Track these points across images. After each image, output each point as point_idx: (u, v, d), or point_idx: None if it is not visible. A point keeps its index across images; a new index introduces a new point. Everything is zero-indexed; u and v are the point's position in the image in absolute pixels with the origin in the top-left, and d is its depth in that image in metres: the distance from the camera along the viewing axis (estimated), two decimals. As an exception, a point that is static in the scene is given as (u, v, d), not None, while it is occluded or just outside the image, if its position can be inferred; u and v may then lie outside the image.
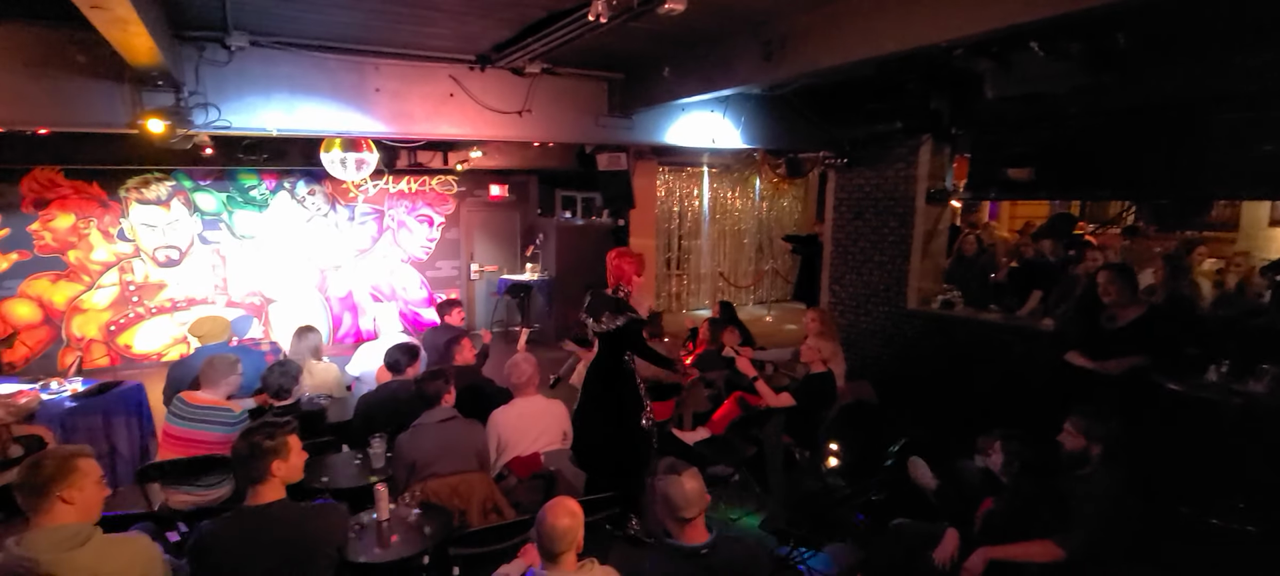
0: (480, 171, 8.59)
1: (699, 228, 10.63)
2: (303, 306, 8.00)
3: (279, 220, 7.93)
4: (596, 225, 9.15)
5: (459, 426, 3.24)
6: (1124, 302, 3.87)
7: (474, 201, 9.04)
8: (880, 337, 6.18)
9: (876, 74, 4.56)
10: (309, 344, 4.45)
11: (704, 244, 10.63)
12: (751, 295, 11.33)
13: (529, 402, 3.67)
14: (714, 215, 10.73)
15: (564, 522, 2.17)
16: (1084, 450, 2.88)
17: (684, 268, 10.66)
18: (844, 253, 6.50)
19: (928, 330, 5.75)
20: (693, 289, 10.65)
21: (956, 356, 5.47)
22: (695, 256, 10.66)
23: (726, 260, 10.99)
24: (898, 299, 6.00)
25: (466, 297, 9.13)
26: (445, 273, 8.94)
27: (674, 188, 10.28)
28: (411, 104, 4.10)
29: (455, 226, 8.93)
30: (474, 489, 3.19)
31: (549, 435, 3.66)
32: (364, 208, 8.37)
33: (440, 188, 8.78)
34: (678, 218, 10.42)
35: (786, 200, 11.45)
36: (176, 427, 3.35)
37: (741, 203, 11.00)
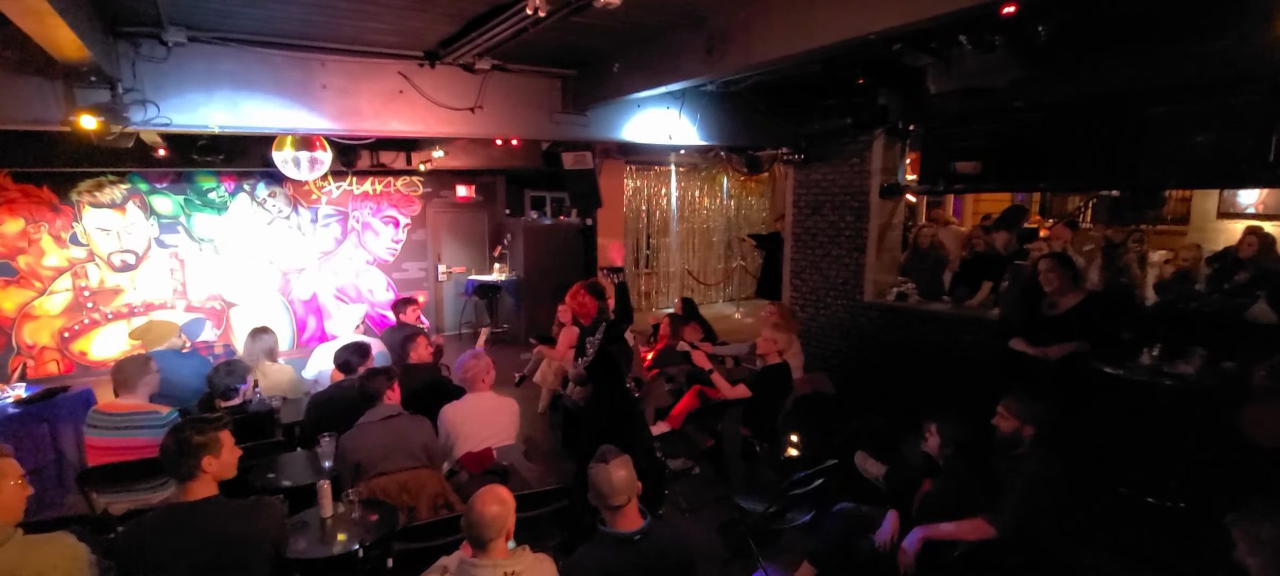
0: (446, 172, 8.54)
1: (667, 226, 10.67)
2: (264, 310, 7.87)
3: (239, 223, 7.79)
4: (564, 225, 9.13)
5: (404, 423, 3.22)
6: (1063, 290, 3.98)
7: (441, 202, 8.97)
8: (839, 330, 6.26)
9: (826, 70, 4.63)
10: (263, 345, 4.39)
11: (673, 242, 10.67)
12: (721, 293, 11.40)
13: (481, 399, 3.65)
14: (682, 214, 10.78)
15: (493, 510, 2.16)
16: (1017, 432, 2.95)
17: (653, 266, 10.69)
18: (803, 247, 6.57)
19: (884, 322, 5.85)
20: (661, 287, 10.68)
21: (911, 347, 5.57)
22: (664, 255, 10.69)
23: (695, 258, 11.05)
24: (855, 292, 6.09)
25: (434, 299, 9.07)
26: (412, 274, 8.86)
27: (641, 187, 10.31)
28: (360, 100, 4.06)
29: (422, 228, 8.86)
30: (423, 485, 3.17)
31: (501, 431, 3.65)
32: (327, 210, 8.26)
33: (406, 189, 8.70)
34: (646, 217, 10.45)
35: (753, 198, 11.55)
36: (99, 438, 3.25)
37: (709, 201, 11.07)
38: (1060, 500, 2.86)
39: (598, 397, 3.66)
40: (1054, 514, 2.83)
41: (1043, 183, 5.08)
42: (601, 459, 2.32)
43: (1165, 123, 4.15)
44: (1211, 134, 3.97)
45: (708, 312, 9.53)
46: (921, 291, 5.91)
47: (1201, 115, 3.99)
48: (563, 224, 9.22)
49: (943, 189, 5.52)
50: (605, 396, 3.65)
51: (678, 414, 4.73)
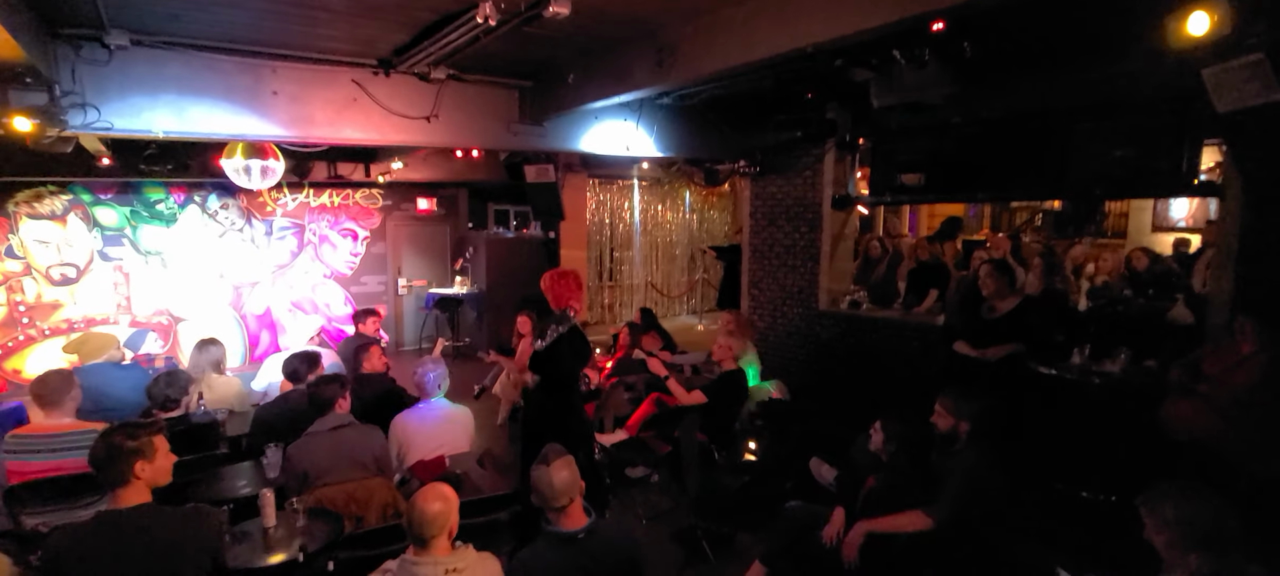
0: (407, 185, 8.47)
1: (631, 239, 10.74)
2: (215, 325, 7.65)
3: (188, 235, 7.58)
4: (527, 238, 9.13)
5: (354, 433, 3.18)
6: (1001, 294, 4.16)
7: (401, 215, 8.89)
8: (796, 338, 6.39)
9: (777, 85, 4.78)
10: (209, 357, 4.29)
11: (636, 255, 10.74)
12: (684, 305, 11.49)
13: (433, 407, 3.63)
14: (645, 227, 10.87)
15: (434, 507, 2.16)
16: (954, 428, 3.07)
17: (616, 279, 10.73)
18: (761, 258, 6.71)
19: (838, 330, 6.00)
20: (625, 300, 10.73)
21: (864, 353, 5.72)
22: (627, 268, 10.75)
23: (658, 271, 11.13)
24: (810, 301, 6.24)
25: (394, 313, 8.94)
26: (371, 288, 8.74)
27: (605, 200, 10.38)
28: (312, 107, 4.03)
29: (381, 241, 8.76)
30: (372, 494, 3.13)
31: (455, 440, 3.63)
32: (282, 222, 8.11)
33: (365, 201, 8.60)
34: (609, 230, 10.51)
35: (715, 212, 11.72)
36: (21, 464, 3.02)
37: (672, 215, 11.19)
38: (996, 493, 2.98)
39: (540, 390, 3.66)
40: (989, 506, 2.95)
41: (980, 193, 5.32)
42: (543, 460, 2.33)
43: (1088, 137, 4.41)
44: (1129, 149, 4.23)
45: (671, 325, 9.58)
46: (873, 299, 6.09)
47: (1119, 131, 4.26)
48: (526, 237, 9.20)
49: (890, 200, 5.74)
50: (549, 389, 3.65)
51: (635, 421, 4.77)
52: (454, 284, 8.71)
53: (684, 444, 4.36)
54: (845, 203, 6.00)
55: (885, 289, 6.24)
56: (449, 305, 8.64)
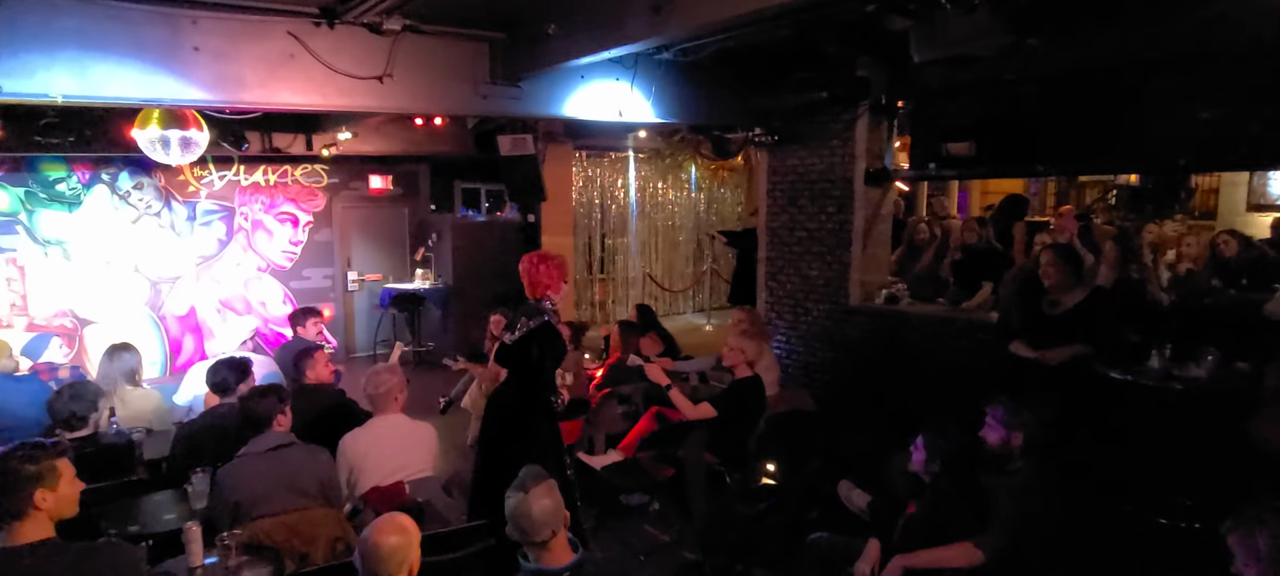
0: (356, 160, 8.47)
1: (625, 224, 10.74)
2: (129, 329, 7.65)
3: (96, 221, 7.58)
4: (501, 222, 9.14)
5: (296, 454, 3.19)
6: (1066, 286, 4.18)
7: (350, 196, 8.89)
8: (822, 339, 6.41)
9: (798, 36, 4.78)
10: (122, 366, 4.31)
11: (632, 242, 10.75)
12: (689, 301, 11.51)
13: (390, 423, 3.64)
14: (643, 209, 10.87)
15: (391, 542, 2.18)
16: (1006, 444, 3.10)
17: (609, 271, 10.74)
18: (780, 245, 6.71)
19: (872, 329, 6.02)
20: (620, 296, 10.74)
21: (903, 356, 5.74)
22: (622, 257, 10.76)
23: (659, 261, 11.14)
24: (839, 295, 6.26)
25: (342, 312, 8.96)
26: (315, 283, 8.75)
27: (594, 177, 10.38)
28: (241, 66, 4.03)
29: (327, 226, 8.76)
30: (318, 527, 3.14)
31: (416, 462, 3.64)
32: (208, 206, 8.11)
33: (306, 179, 8.60)
34: (600, 212, 10.51)
35: (726, 190, 11.73)
36: None
37: (675, 194, 11.20)
38: (1057, 520, 3.01)
39: (507, 386, 3.70)
40: (1050, 535, 2.98)
41: (1041, 165, 5.33)
42: (521, 486, 2.34)
43: (1171, 97, 4.41)
44: (1221, 110, 4.23)
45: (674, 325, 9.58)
46: (916, 293, 6.12)
47: (1209, 89, 4.26)
48: (500, 221, 9.21)
49: (934, 174, 5.74)
50: (517, 384, 3.68)
51: (632, 441, 4.79)
52: (414, 278, 8.71)
53: (688, 466, 4.38)
54: (881, 177, 6.01)
55: (931, 281, 6.26)
56: (409, 303, 8.64)
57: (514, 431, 3.70)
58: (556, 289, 3.77)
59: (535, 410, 3.72)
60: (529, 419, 3.67)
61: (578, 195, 10.04)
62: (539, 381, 3.73)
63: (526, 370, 3.70)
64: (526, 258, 3.82)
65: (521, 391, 3.68)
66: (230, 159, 7.87)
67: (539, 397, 3.74)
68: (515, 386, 3.72)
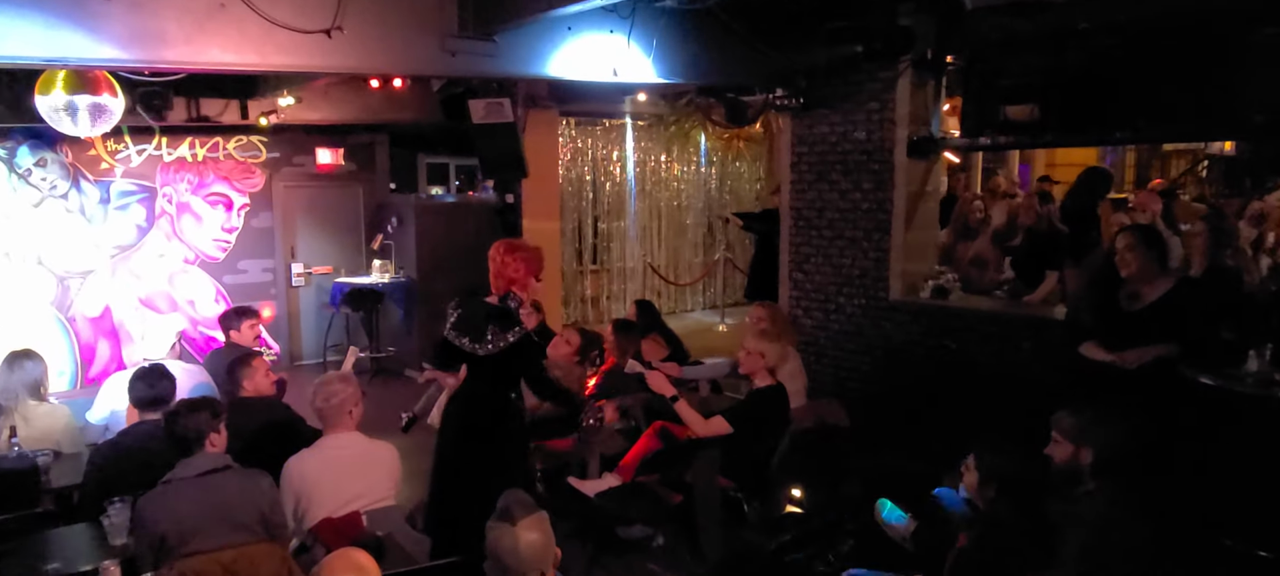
0: (302, 130, 8.47)
1: (622, 204, 10.75)
2: (31, 333, 7.67)
3: (-10, 205, 7.61)
4: (475, 204, 9.16)
5: (232, 481, 3.22)
6: (1148, 275, 4.19)
7: (294, 173, 8.90)
8: (857, 340, 6.43)
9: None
10: (24, 377, 4.34)
11: (630, 227, 10.76)
12: (699, 296, 11.54)
13: (343, 443, 3.67)
14: (643, 186, 10.87)
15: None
16: (1075, 461, 3.12)
17: (603, 262, 10.76)
18: (807, 228, 6.72)
19: (917, 328, 6.04)
20: (616, 290, 10.77)
21: (954, 359, 5.77)
22: (618, 245, 10.79)
23: (662, 249, 11.16)
24: (878, 287, 6.27)
25: (285, 312, 8.99)
26: (253, 277, 8.77)
27: (585, 149, 10.39)
28: (162, 20, 4.03)
29: (266, 210, 8.78)
30: (259, 566, 3.17)
31: (374, 488, 3.67)
32: (125, 186, 8.13)
33: (241, 154, 8.61)
34: (592, 191, 10.52)
35: (743, 164, 11.74)
36: None
37: (681, 168, 11.20)
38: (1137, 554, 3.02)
39: (469, 397, 3.78)
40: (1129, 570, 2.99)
41: (1118, 132, 5.33)
42: (505, 515, 2.36)
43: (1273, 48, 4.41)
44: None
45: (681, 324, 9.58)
46: (968, 284, 6.13)
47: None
48: (473, 203, 9.21)
49: (990, 143, 5.76)
50: (482, 394, 3.75)
51: (631, 462, 4.81)
52: (371, 271, 8.74)
53: (699, 492, 4.40)
54: (926, 147, 6.02)
55: (988, 270, 6.27)
56: (365, 301, 8.67)
57: (478, 432, 3.75)
58: (524, 285, 3.83)
59: (505, 414, 3.77)
60: (495, 415, 3.74)
61: (565, 171, 10.04)
62: (511, 386, 3.79)
63: (499, 379, 3.74)
64: (496, 246, 3.87)
65: (486, 382, 3.76)
66: (150, 130, 7.87)
67: (508, 401, 3.84)
68: (481, 393, 3.79)
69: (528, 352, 3.85)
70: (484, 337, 3.79)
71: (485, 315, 3.82)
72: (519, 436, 4.01)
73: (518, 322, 3.82)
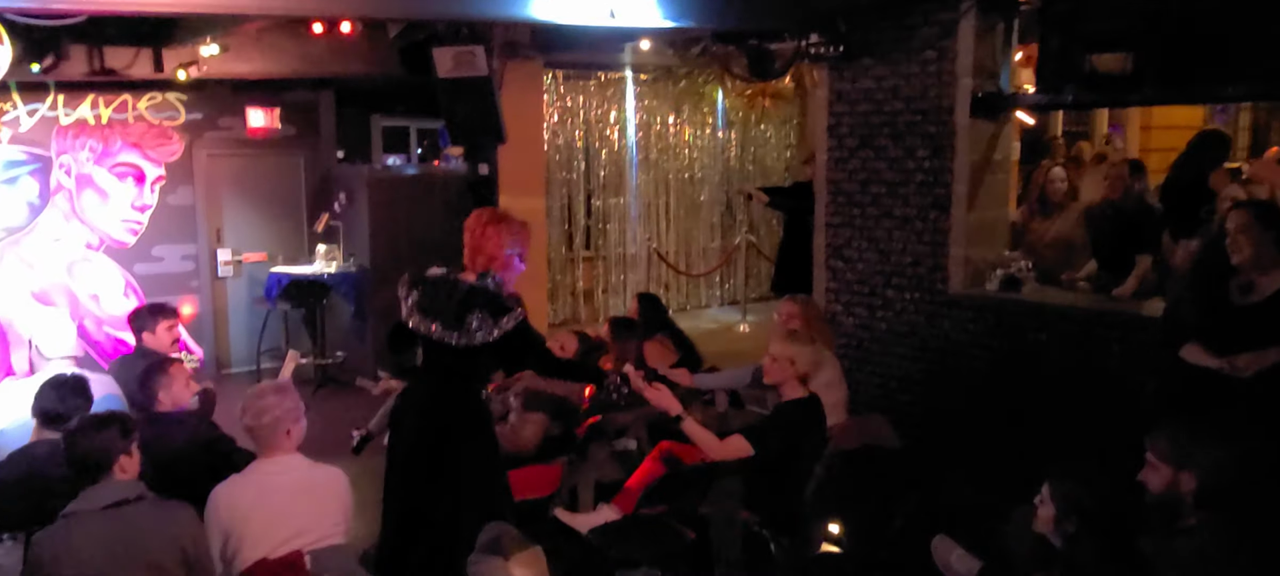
0: (229, 85, 8.45)
1: (622, 177, 10.70)
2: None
3: None
4: (442, 175, 9.12)
5: (147, 514, 3.23)
6: (1265, 263, 4.18)
7: (220, 139, 8.88)
8: (908, 342, 6.42)
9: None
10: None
11: (631, 205, 10.72)
12: (716, 289, 11.51)
13: (281, 468, 3.68)
14: (647, 155, 10.82)
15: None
16: (1173, 488, 3.12)
17: (598, 247, 10.73)
18: (847, 206, 6.70)
19: (982, 327, 6.02)
20: (613, 282, 10.76)
21: (1027, 366, 5.75)
22: (616, 226, 10.75)
23: (671, 232, 11.12)
24: (934, 277, 6.26)
25: (210, 308, 8.98)
26: (171, 265, 8.78)
27: (576, 109, 10.37)
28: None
29: (186, 184, 8.77)
30: (178, 618, 3.20)
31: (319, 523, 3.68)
32: (12, 154, 8.12)
33: (155, 115, 8.60)
34: (584, 161, 10.47)
35: (770, 128, 11.70)
36: None
37: (694, 133, 11.15)
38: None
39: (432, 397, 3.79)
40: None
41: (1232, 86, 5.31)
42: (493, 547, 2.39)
43: None
44: None
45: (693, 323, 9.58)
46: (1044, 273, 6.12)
47: None
48: (439, 173, 9.17)
49: (1074, 100, 5.73)
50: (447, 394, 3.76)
51: (633, 490, 4.83)
52: (315, 258, 8.73)
53: (715, 528, 4.41)
54: (995, 105, 6.00)
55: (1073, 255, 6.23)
56: (307, 295, 8.66)
57: (445, 453, 3.76)
58: (506, 265, 3.82)
59: (479, 420, 3.80)
60: (469, 433, 3.75)
61: (552, 136, 10.01)
62: (483, 383, 3.82)
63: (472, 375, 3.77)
64: (476, 215, 3.84)
65: (459, 400, 3.77)
66: (44, 86, 7.88)
67: (481, 403, 3.86)
68: (447, 393, 3.79)
69: (529, 341, 3.82)
70: (462, 324, 3.75)
71: (466, 297, 3.78)
72: (495, 449, 3.99)
73: (511, 306, 3.78)
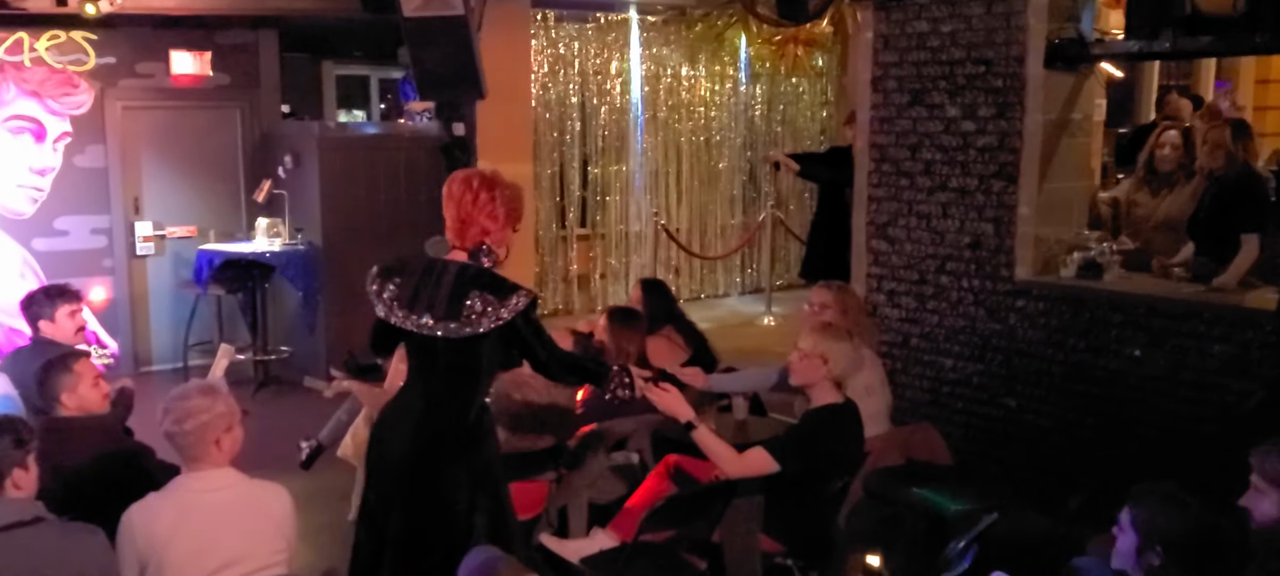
0: (146, 22, 8.48)
1: (624, 141, 10.74)
2: None
3: None
4: (409, 135, 9.14)
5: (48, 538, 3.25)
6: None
7: (139, 88, 8.91)
8: (965, 339, 6.41)
9: None
10: None
11: (636, 174, 10.77)
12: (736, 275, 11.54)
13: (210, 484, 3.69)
14: (654, 114, 10.84)
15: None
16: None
17: (595, 224, 10.75)
18: (894, 175, 6.69)
19: (1056, 321, 5.99)
20: (614, 266, 10.79)
21: (1107, 367, 5.74)
22: (617, 199, 10.79)
23: (683, 206, 11.16)
24: (998, 262, 6.23)
25: (129, 294, 9.01)
26: (78, 241, 8.83)
27: (570, 57, 10.39)
28: None
29: (97, 142, 8.81)
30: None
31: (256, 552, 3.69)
32: (-115, 105, 8.20)
33: (59, 58, 8.62)
34: (580, 120, 10.49)
35: (803, 81, 11.70)
36: None
37: (711, 88, 11.17)
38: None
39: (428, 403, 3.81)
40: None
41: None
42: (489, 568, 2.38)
43: None
44: None
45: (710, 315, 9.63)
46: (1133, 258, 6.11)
47: None
48: (405, 133, 9.20)
49: (1172, 48, 5.70)
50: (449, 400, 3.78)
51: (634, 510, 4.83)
52: (256, 234, 8.75)
53: (731, 557, 4.43)
54: (1075, 55, 6.00)
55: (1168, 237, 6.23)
56: (245, 278, 8.71)
57: (441, 473, 3.79)
58: (500, 236, 3.81)
59: (480, 432, 3.82)
60: (468, 447, 3.77)
61: (542, 90, 10.03)
62: (483, 387, 3.85)
63: (481, 374, 3.81)
64: (458, 181, 3.81)
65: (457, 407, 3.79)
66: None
67: (484, 411, 3.89)
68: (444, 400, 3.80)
69: (538, 330, 3.83)
70: (460, 311, 3.73)
71: (460, 278, 3.77)
72: (498, 465, 3.99)
73: (516, 286, 3.78)
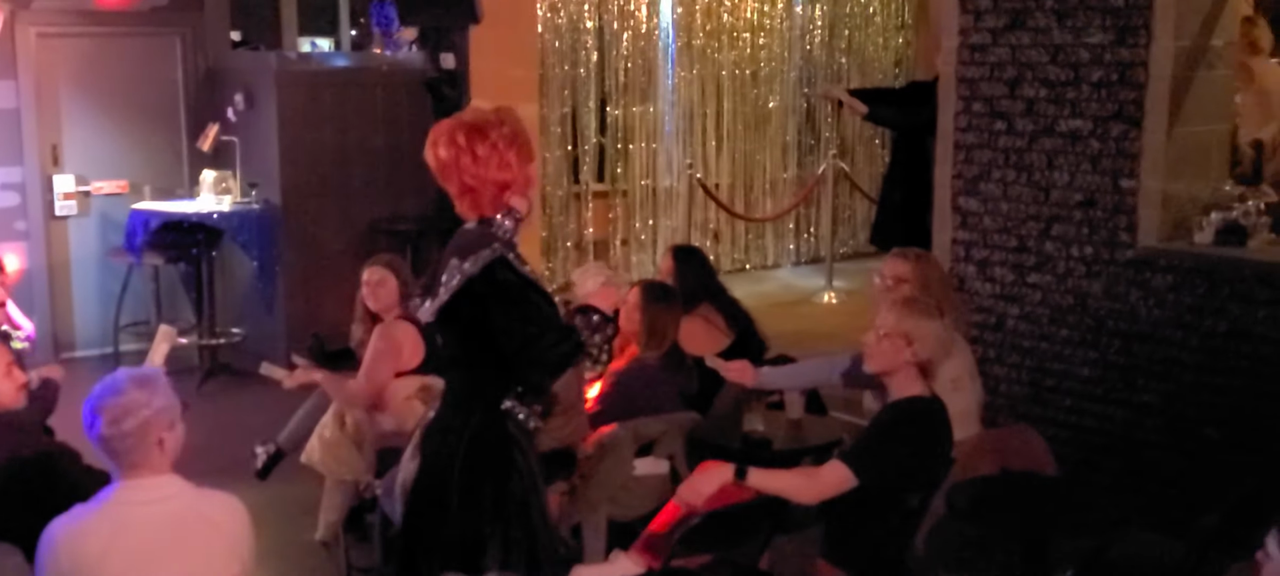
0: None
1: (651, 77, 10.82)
2: None
3: None
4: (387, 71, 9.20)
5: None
6: None
7: (57, 13, 9.03)
8: (1074, 320, 6.42)
9: None
10: None
11: (665, 117, 10.85)
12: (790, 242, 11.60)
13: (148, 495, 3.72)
14: (688, 42, 10.91)
15: None
16: None
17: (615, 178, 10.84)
18: (987, 117, 6.71)
19: (1186, 296, 6.00)
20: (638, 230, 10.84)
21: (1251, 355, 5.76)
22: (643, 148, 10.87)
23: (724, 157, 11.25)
24: (1116, 225, 6.24)
25: (47, 262, 9.11)
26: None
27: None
28: None
29: (8, 78, 8.90)
30: None
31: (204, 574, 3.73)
32: None
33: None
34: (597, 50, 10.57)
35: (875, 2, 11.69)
36: None
37: (760, 8, 11.22)
38: None
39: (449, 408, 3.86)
40: None
41: None
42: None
43: None
44: None
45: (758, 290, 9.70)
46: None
47: None
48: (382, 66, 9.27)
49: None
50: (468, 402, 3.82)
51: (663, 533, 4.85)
52: (200, 190, 8.82)
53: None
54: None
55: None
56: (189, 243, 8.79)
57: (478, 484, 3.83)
58: (522, 184, 3.83)
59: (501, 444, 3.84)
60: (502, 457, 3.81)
61: (550, 12, 10.08)
62: (505, 384, 3.84)
63: (478, 366, 3.81)
64: (438, 143, 3.81)
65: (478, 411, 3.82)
66: None
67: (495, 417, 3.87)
68: (455, 406, 3.85)
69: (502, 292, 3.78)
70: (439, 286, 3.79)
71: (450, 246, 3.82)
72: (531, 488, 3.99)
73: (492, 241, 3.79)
